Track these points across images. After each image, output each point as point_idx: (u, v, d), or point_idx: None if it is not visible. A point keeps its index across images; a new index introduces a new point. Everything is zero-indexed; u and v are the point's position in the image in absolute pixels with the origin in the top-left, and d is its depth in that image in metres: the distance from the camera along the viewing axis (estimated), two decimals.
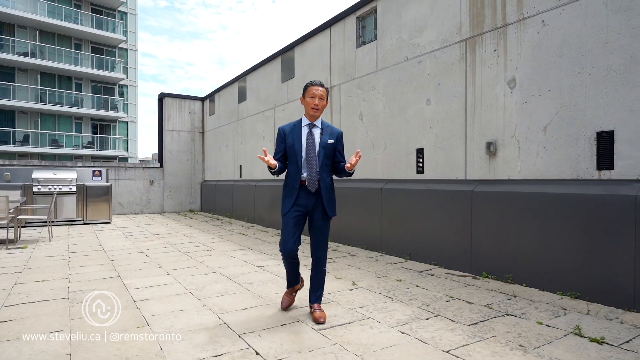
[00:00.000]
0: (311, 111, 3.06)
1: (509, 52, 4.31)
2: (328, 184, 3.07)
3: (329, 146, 3.06)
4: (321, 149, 3.03)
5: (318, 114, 3.08)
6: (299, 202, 3.02)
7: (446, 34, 5.00)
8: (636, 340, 2.68)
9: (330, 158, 3.09)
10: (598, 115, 3.59)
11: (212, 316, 3.19)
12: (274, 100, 9.07)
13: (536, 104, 4.06)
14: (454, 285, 4.07)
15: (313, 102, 3.03)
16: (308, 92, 3.07)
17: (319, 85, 3.08)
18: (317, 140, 3.05)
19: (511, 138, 4.29)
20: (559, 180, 3.87)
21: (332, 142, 3.07)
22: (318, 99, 3.03)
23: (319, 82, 3.10)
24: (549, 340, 2.69)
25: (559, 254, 3.75)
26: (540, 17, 4.01)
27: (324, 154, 3.03)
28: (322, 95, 3.06)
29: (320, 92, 3.05)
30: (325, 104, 3.09)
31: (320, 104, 3.05)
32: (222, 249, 6.27)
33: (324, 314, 3.04)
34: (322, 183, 3.01)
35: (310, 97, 3.05)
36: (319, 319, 2.97)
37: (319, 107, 3.04)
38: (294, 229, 3.00)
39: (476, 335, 2.78)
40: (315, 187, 3.00)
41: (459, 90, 4.84)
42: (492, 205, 4.36)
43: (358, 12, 6.50)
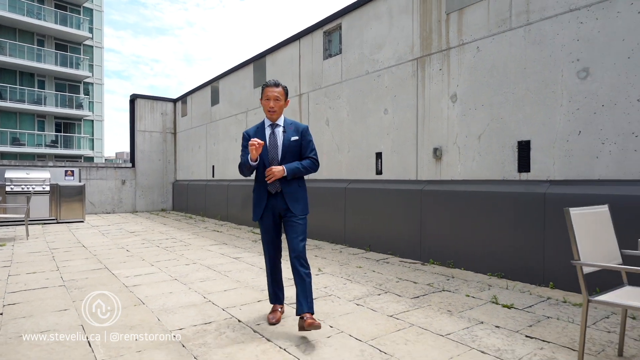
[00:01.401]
0: (267, 114, 2.99)
1: (451, 71, 5.07)
2: (292, 182, 2.95)
3: (293, 143, 2.97)
4: (285, 147, 2.95)
5: (275, 117, 2.99)
6: (269, 206, 2.96)
7: (401, 52, 5.73)
8: (536, 306, 3.45)
9: (297, 155, 2.99)
10: (519, 128, 4.39)
11: (198, 296, 3.74)
12: (246, 104, 9.58)
13: (473, 116, 4.83)
14: (405, 270, 4.78)
15: (268, 105, 2.95)
16: (264, 94, 2.97)
17: (274, 86, 2.96)
18: (280, 139, 2.97)
19: (453, 145, 5.05)
20: (490, 180, 4.65)
21: (296, 138, 2.98)
22: (273, 101, 2.94)
23: (274, 82, 2.98)
24: (472, 307, 3.42)
25: (489, 242, 4.53)
26: (476, 44, 4.79)
27: (289, 152, 2.95)
28: (278, 96, 2.94)
29: (276, 94, 2.94)
30: (282, 104, 2.99)
31: (276, 105, 2.95)
32: (199, 244, 6.75)
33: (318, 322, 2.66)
34: (282, 184, 2.91)
35: (265, 100, 2.97)
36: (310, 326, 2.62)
37: (274, 109, 2.95)
38: (271, 235, 3.01)
39: (416, 305, 3.47)
40: (275, 188, 2.92)
41: (411, 102, 5.57)
42: (438, 202, 5.11)
43: (325, 27, 7.15)
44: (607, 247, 2.41)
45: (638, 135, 3.55)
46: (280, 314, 3.12)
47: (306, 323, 2.63)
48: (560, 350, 2.55)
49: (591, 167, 3.84)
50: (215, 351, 2.55)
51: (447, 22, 5.10)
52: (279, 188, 2.93)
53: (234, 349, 2.59)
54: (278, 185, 2.93)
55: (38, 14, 25.88)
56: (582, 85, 3.89)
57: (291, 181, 2.95)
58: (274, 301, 3.16)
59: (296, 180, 2.98)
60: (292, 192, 2.95)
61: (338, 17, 6.82)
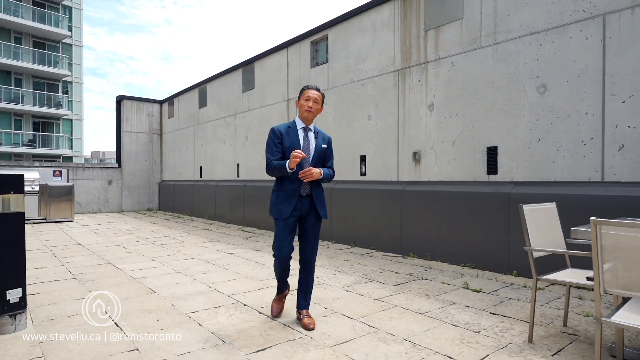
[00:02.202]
0: (305, 113, 3.02)
1: (429, 83, 5.61)
2: (320, 187, 3.09)
3: (322, 150, 3.07)
4: (315, 152, 3.03)
5: (311, 117, 3.04)
6: (297, 207, 2.99)
7: (383, 64, 6.24)
8: (501, 290, 4.00)
9: (321, 163, 3.09)
10: (487, 135, 4.95)
11: (203, 286, 4.14)
12: (235, 107, 9.95)
13: (448, 124, 5.37)
14: (387, 263, 5.28)
15: (307, 105, 3.00)
16: (303, 94, 3.05)
17: (315, 89, 3.06)
18: (313, 144, 3.05)
19: (430, 149, 5.58)
20: (463, 182, 5.20)
21: (324, 146, 3.10)
22: (312, 102, 3.01)
23: (315, 87, 3.09)
24: (446, 292, 3.94)
25: (462, 236, 5.08)
26: (451, 59, 5.34)
27: (317, 158, 3.04)
28: (317, 99, 3.04)
29: (315, 96, 3.03)
30: (319, 108, 3.08)
31: (314, 107, 3.03)
32: (193, 242, 7.11)
33: (314, 321, 3.01)
34: (313, 186, 3.02)
35: (304, 100, 3.03)
36: (308, 325, 2.95)
37: (312, 109, 3.02)
38: (289, 235, 3.00)
39: (398, 290, 3.97)
40: (306, 191, 3.00)
41: (393, 110, 6.09)
42: (417, 201, 5.64)
43: (312, 38, 7.61)
44: (553, 237, 2.95)
45: (587, 144, 4.15)
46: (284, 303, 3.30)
47: (303, 322, 3.00)
48: (517, 323, 3.08)
49: (548, 170, 4.43)
50: (229, 328, 2.98)
51: (425, 38, 5.63)
52: (309, 191, 3.01)
53: (245, 326, 3.02)
54: (309, 188, 3.00)
55: (15, 11, 25.43)
56: (541, 99, 4.47)
57: (319, 185, 3.07)
58: (281, 291, 3.27)
59: (320, 186, 3.10)
60: (319, 196, 3.06)
61: (325, 28, 7.29)
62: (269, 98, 8.73)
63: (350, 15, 6.77)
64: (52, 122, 28.32)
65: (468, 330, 2.94)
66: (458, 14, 5.23)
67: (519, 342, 2.73)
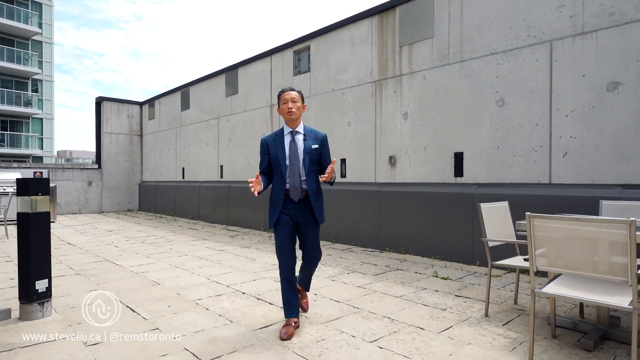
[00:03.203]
0: (287, 115, 2.95)
1: (403, 94, 6.20)
2: (315, 190, 2.98)
3: (314, 151, 2.96)
4: (306, 155, 2.93)
5: (294, 117, 2.95)
6: (286, 213, 2.93)
7: (362, 75, 6.80)
8: (465, 277, 4.61)
9: (316, 163, 3.00)
10: (455, 142, 5.58)
11: (202, 278, 4.56)
12: (218, 111, 10.30)
13: (420, 131, 5.98)
14: (366, 257, 5.83)
15: (287, 107, 2.93)
16: (281, 99, 2.98)
17: (289, 90, 2.99)
18: (300, 146, 2.95)
19: (405, 154, 6.17)
20: (433, 183, 5.81)
21: (316, 147, 2.98)
22: (291, 102, 2.93)
23: (289, 87, 3.03)
24: (419, 279, 4.51)
25: (433, 232, 5.68)
26: (423, 73, 5.94)
27: (309, 160, 2.94)
28: (295, 98, 2.95)
29: (292, 95, 2.95)
30: (300, 107, 2.98)
31: (294, 106, 2.93)
32: (181, 240, 7.46)
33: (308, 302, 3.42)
34: (309, 191, 2.94)
35: (283, 104, 2.96)
36: (302, 306, 3.32)
37: (292, 109, 2.92)
38: (287, 240, 2.93)
39: (377, 279, 4.52)
40: (298, 196, 2.92)
41: (371, 118, 6.65)
42: (393, 200, 6.21)
43: (295, 47, 8.09)
44: (505, 230, 3.55)
45: (537, 151, 4.82)
46: (294, 329, 2.93)
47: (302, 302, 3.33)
48: (477, 302, 3.67)
49: (506, 173, 5.08)
50: (233, 311, 3.43)
51: (400, 53, 6.22)
52: (302, 196, 2.94)
53: (247, 309, 3.49)
54: (301, 193, 2.93)
55: None
56: (500, 112, 5.12)
57: (314, 190, 2.97)
58: (289, 314, 2.96)
59: (317, 190, 3.01)
60: (315, 200, 2.98)
61: (307, 39, 7.79)
62: (253, 103, 9.16)
63: (331, 29, 7.29)
64: (22, 121, 27.61)
65: (436, 308, 3.51)
66: (429, 33, 5.84)
67: (477, 316, 3.31)
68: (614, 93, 4.26)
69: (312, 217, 2.99)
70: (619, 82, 4.23)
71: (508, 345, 2.74)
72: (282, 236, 2.92)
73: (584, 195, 4.34)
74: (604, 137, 4.34)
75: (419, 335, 2.91)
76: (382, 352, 2.64)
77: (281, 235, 2.93)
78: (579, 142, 4.51)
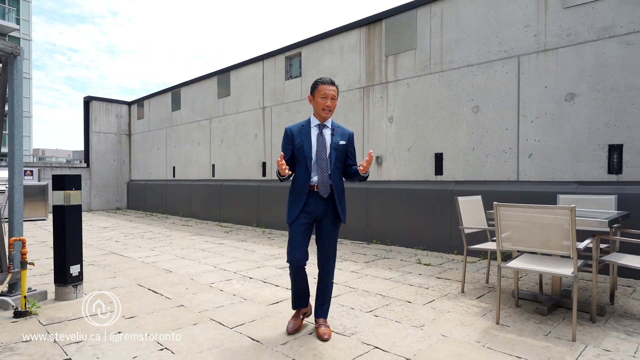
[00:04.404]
0: (322, 112, 2.80)
1: (389, 100, 6.78)
2: (340, 188, 2.86)
3: (341, 147, 2.84)
4: (332, 150, 2.80)
5: (329, 116, 2.84)
6: (307, 210, 2.79)
7: (351, 81, 7.35)
8: (445, 264, 5.21)
9: (342, 160, 2.87)
10: (436, 144, 6.19)
11: (209, 267, 5.02)
12: (210, 112, 10.69)
13: (404, 133, 6.57)
14: (356, 248, 6.39)
15: (324, 103, 2.77)
16: (318, 91, 2.79)
17: (331, 84, 2.80)
18: (328, 141, 2.82)
19: (390, 154, 6.76)
20: (416, 181, 6.41)
21: (343, 143, 2.86)
22: (330, 100, 2.77)
23: (330, 80, 2.81)
24: (404, 265, 5.09)
25: (416, 225, 6.28)
26: (407, 81, 6.54)
27: (335, 156, 2.81)
28: (334, 95, 2.80)
29: (333, 92, 2.79)
30: (336, 104, 2.85)
31: (333, 104, 2.80)
32: (179, 235, 7.85)
33: (329, 331, 2.83)
34: (334, 187, 2.80)
35: (321, 98, 2.78)
36: (323, 335, 2.77)
37: (330, 108, 2.79)
38: (302, 239, 2.78)
39: (367, 266, 5.07)
40: (327, 192, 2.78)
41: (359, 121, 7.21)
42: (380, 197, 6.79)
43: (287, 53, 8.58)
44: (478, 219, 4.16)
45: (507, 152, 5.47)
46: (302, 320, 2.96)
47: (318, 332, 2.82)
48: (455, 283, 4.27)
49: (480, 172, 5.72)
50: (245, 292, 3.92)
51: (386, 62, 6.80)
52: (330, 192, 2.81)
53: (257, 290, 3.98)
54: (329, 190, 2.80)
55: None
56: (475, 117, 5.75)
57: (339, 187, 2.86)
58: (297, 306, 2.96)
59: (341, 187, 2.89)
60: (340, 198, 2.86)
61: (298, 46, 8.29)
62: (245, 105, 9.60)
63: (322, 37, 7.82)
64: None
65: (420, 287, 4.09)
66: (412, 45, 6.43)
67: (455, 292, 3.90)
68: (571, 103, 4.94)
69: (334, 216, 2.84)
70: (575, 93, 4.91)
71: (480, 312, 3.33)
72: (298, 233, 2.79)
73: (546, 191, 5.00)
74: (562, 140, 5.01)
75: (407, 307, 3.47)
76: (377, 319, 3.19)
77: (297, 232, 2.79)
78: (541, 145, 5.17)
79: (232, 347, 2.65)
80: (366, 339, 2.79)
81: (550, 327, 3.00)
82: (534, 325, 3.02)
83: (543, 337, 2.81)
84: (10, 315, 3.19)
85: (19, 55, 3.48)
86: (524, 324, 3.06)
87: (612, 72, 4.66)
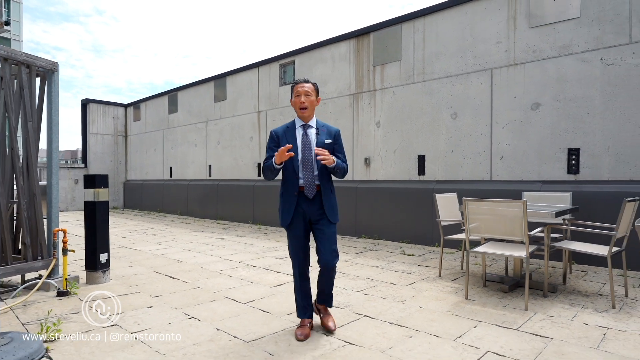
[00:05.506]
0: (299, 111, 2.82)
1: (376, 106, 7.40)
2: (328, 188, 2.85)
3: (327, 146, 2.81)
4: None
5: (307, 113, 2.82)
6: (300, 211, 2.80)
7: (341, 88, 7.95)
8: (426, 254, 5.84)
9: None
10: (419, 147, 6.83)
11: (215, 257, 5.56)
12: (206, 115, 11.20)
13: (390, 137, 7.19)
14: (346, 242, 6.99)
15: (299, 101, 2.79)
16: (294, 92, 2.85)
17: (303, 82, 2.84)
18: (313, 141, 2.82)
19: (378, 156, 7.38)
20: (401, 180, 7.04)
21: (329, 142, 2.85)
22: (304, 96, 2.79)
23: (304, 79, 2.87)
24: (390, 256, 5.70)
25: (401, 220, 6.91)
26: (392, 89, 7.17)
27: None
28: (308, 91, 2.80)
29: (306, 89, 2.80)
30: (313, 100, 2.83)
31: (307, 100, 2.79)
32: (180, 232, 8.35)
33: (334, 320, 2.96)
34: (321, 188, 2.80)
35: (295, 97, 2.82)
36: (330, 326, 2.88)
37: (305, 103, 2.79)
38: (302, 247, 2.84)
39: (357, 256, 5.67)
40: (312, 193, 2.78)
41: (349, 125, 7.82)
42: (368, 195, 7.40)
43: (281, 61, 9.15)
44: (453, 213, 4.79)
45: (481, 155, 6.12)
46: (309, 329, 2.89)
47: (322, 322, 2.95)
48: (434, 269, 4.89)
49: (458, 172, 6.37)
50: (251, 277, 4.49)
51: (374, 72, 7.42)
52: (315, 192, 2.80)
53: (261, 276, 4.55)
54: (314, 190, 2.80)
55: None
56: (453, 123, 6.40)
57: (327, 187, 2.85)
58: (302, 315, 2.93)
59: (329, 186, 2.87)
60: (328, 198, 2.84)
61: (292, 55, 8.87)
62: (241, 109, 10.13)
63: (314, 47, 8.41)
64: None
65: (404, 273, 4.70)
66: (398, 56, 7.06)
67: (433, 276, 4.52)
68: (536, 111, 5.61)
69: (326, 216, 2.83)
70: (539, 103, 5.58)
71: (452, 291, 3.95)
72: (296, 237, 2.82)
73: (514, 189, 5.66)
74: (529, 144, 5.68)
75: (392, 287, 4.08)
76: (366, 296, 3.78)
77: (295, 236, 2.82)
78: (511, 149, 5.84)
79: (247, 317, 3.22)
80: (357, 310, 3.39)
81: (509, 301, 3.63)
82: (496, 300, 3.65)
83: (502, 307, 3.44)
84: (54, 295, 3.71)
85: (57, 71, 3.98)
86: (488, 299, 3.69)
87: (571, 84, 5.34)
